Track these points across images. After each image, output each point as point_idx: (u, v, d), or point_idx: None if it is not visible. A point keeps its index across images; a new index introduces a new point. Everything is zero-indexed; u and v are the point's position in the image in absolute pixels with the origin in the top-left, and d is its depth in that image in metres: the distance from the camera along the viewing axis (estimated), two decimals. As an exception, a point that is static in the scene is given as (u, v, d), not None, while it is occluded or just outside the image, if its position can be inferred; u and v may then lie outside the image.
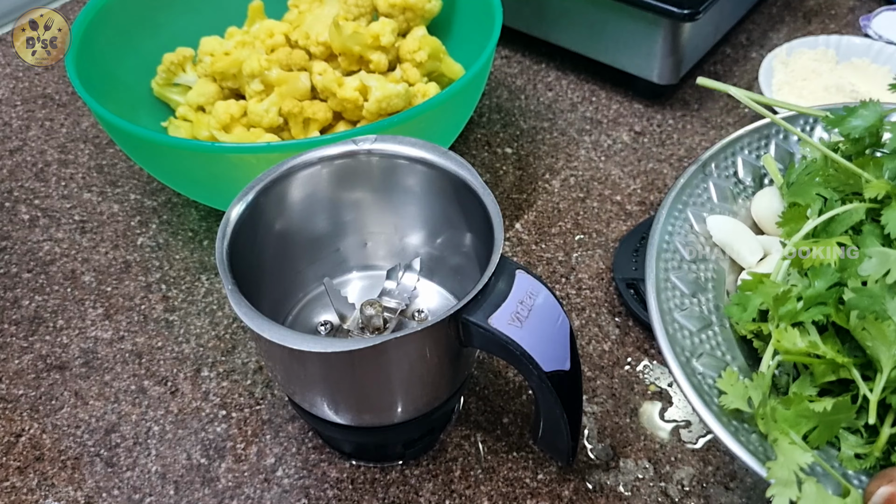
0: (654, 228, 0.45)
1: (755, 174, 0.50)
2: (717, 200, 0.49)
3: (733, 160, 0.50)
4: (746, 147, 0.50)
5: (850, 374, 0.38)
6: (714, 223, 0.47)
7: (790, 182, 0.47)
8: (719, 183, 0.49)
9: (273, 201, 0.45)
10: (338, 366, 0.39)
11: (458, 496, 0.46)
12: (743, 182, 0.50)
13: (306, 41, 0.63)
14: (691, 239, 0.46)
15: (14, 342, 0.55)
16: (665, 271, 0.44)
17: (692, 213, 0.47)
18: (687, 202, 0.47)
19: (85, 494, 0.47)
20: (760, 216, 0.48)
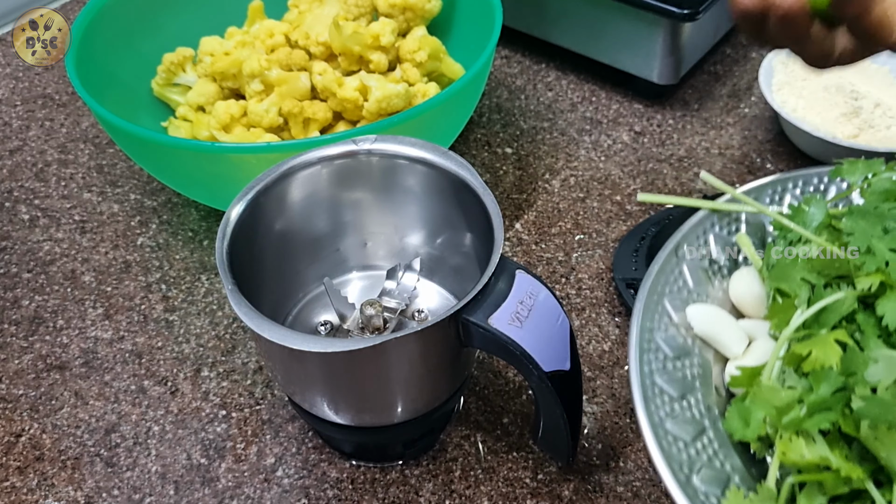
0: (633, 324, 0.42)
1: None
2: (693, 285, 0.46)
3: (705, 238, 0.47)
4: (717, 223, 0.48)
5: (865, 486, 0.36)
6: (694, 314, 0.44)
7: (770, 264, 0.44)
8: (693, 266, 0.46)
9: (273, 201, 0.45)
10: (338, 366, 0.39)
11: (458, 496, 0.46)
12: (717, 262, 0.47)
13: (306, 41, 0.63)
14: (672, 333, 0.43)
15: (14, 342, 0.55)
16: (650, 374, 0.41)
17: (669, 303, 0.44)
18: (663, 292, 0.44)
19: (85, 494, 0.47)
20: (740, 300, 0.46)
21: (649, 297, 0.43)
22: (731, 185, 0.64)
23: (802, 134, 0.63)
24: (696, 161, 0.67)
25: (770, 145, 0.68)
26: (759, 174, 0.66)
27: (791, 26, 0.39)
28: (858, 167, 0.46)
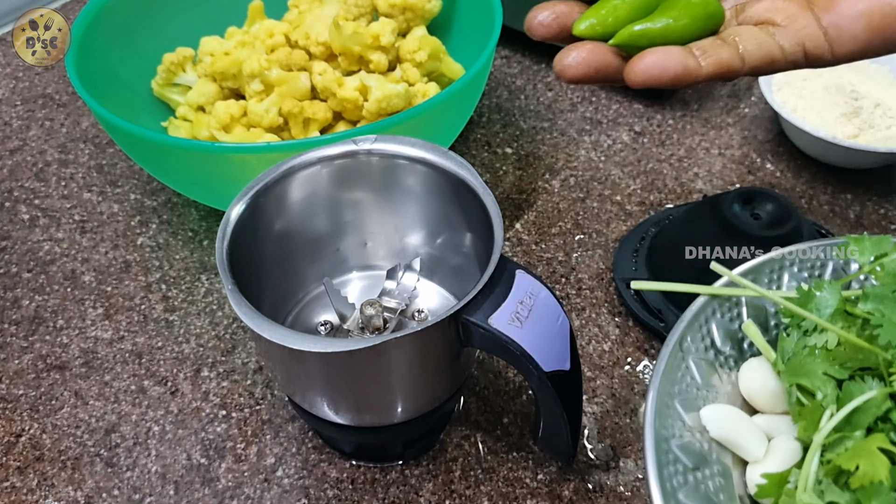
0: (646, 434, 0.39)
1: (733, 339, 0.44)
2: (701, 381, 0.42)
3: (707, 328, 0.43)
4: (718, 310, 0.44)
5: None
6: (709, 417, 0.41)
7: (784, 357, 0.41)
8: (698, 359, 0.43)
9: (273, 201, 0.45)
10: (338, 366, 0.39)
11: (458, 496, 0.46)
12: (722, 351, 0.43)
13: (306, 41, 0.63)
14: (688, 439, 0.40)
15: (14, 342, 0.55)
16: (672, 490, 0.37)
17: (681, 405, 0.41)
18: (672, 392, 0.41)
19: (85, 494, 0.47)
20: (752, 395, 0.43)
21: (660, 401, 0.40)
22: (731, 184, 0.65)
23: (802, 134, 0.63)
24: (696, 161, 0.67)
25: (770, 145, 0.68)
26: (759, 174, 0.66)
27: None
28: (867, 246, 0.42)
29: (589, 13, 0.32)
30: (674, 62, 0.30)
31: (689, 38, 0.31)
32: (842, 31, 0.31)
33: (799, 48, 0.31)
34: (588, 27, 0.31)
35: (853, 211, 0.62)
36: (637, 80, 0.30)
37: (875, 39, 0.31)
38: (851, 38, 0.31)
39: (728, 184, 0.65)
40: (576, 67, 0.31)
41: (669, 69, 0.30)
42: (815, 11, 0.31)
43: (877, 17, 0.31)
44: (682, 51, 0.30)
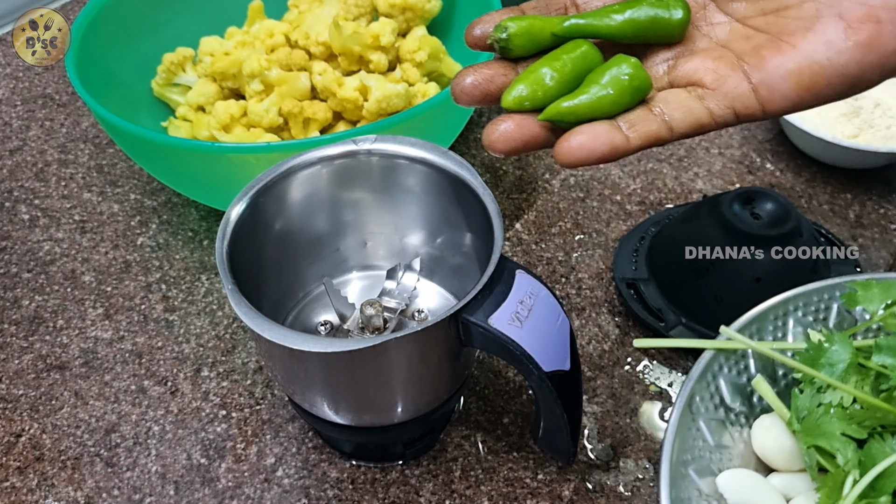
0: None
1: (743, 394, 0.43)
2: (713, 442, 0.41)
3: (716, 385, 0.42)
4: (725, 365, 0.42)
5: None
6: (726, 484, 0.40)
7: (799, 416, 0.39)
8: (709, 419, 0.41)
9: (273, 201, 0.45)
10: (338, 366, 0.39)
11: (458, 496, 0.46)
12: (732, 408, 0.42)
13: (306, 41, 0.63)
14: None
15: (14, 342, 0.55)
16: None
17: (695, 472, 0.39)
18: (686, 460, 0.39)
19: (85, 494, 0.47)
20: (768, 454, 0.41)
21: (675, 470, 0.38)
22: (731, 184, 0.65)
23: (802, 134, 0.63)
24: (696, 161, 0.67)
25: (770, 145, 0.68)
26: (759, 174, 0.66)
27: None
28: (874, 293, 0.41)
29: (516, 83, 0.31)
30: (600, 142, 0.30)
31: (618, 111, 0.31)
32: (772, 90, 0.31)
33: (729, 110, 0.31)
34: (515, 100, 0.31)
35: (853, 211, 0.62)
36: (566, 161, 0.30)
37: (806, 96, 0.31)
38: (782, 97, 0.31)
39: (728, 184, 0.65)
40: (504, 142, 0.31)
41: (596, 150, 0.30)
42: (745, 70, 0.31)
43: (806, 77, 0.31)
44: (609, 128, 0.30)
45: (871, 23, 0.30)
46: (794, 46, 0.31)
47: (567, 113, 0.30)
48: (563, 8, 0.34)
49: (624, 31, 0.32)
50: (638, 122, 0.31)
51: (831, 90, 0.31)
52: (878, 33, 0.30)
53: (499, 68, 0.33)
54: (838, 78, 0.31)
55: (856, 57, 0.31)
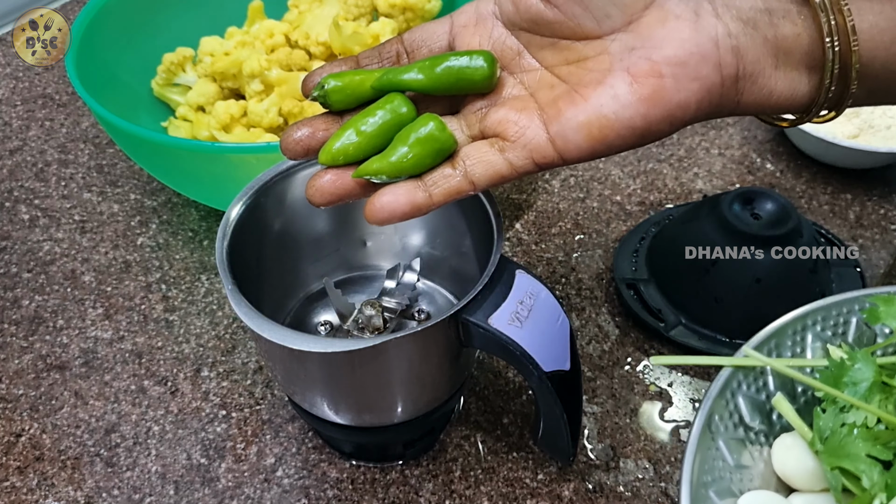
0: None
1: (762, 412, 0.42)
2: (733, 462, 0.40)
3: (735, 403, 0.41)
4: (744, 382, 0.41)
5: None
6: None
7: (822, 436, 0.38)
8: (728, 439, 0.40)
9: (273, 201, 0.45)
10: (338, 366, 0.39)
11: (458, 496, 0.46)
12: (751, 427, 0.41)
13: (306, 41, 0.63)
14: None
15: (14, 342, 0.55)
16: None
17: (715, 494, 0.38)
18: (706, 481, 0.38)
19: (85, 494, 0.47)
20: (789, 475, 0.40)
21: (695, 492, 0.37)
22: (731, 184, 0.65)
23: (802, 134, 0.63)
24: (696, 161, 0.67)
25: (770, 145, 0.68)
26: (759, 174, 0.66)
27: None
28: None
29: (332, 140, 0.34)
30: (402, 202, 0.33)
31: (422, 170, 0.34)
32: (567, 141, 0.32)
33: (528, 160, 0.33)
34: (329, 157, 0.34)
35: (853, 211, 0.62)
36: (372, 220, 0.33)
37: (598, 147, 0.33)
38: (576, 147, 0.33)
39: (728, 184, 0.65)
40: (321, 196, 0.34)
41: (398, 210, 0.33)
42: (544, 121, 0.33)
43: (595, 129, 0.32)
44: (412, 188, 0.33)
45: (653, 77, 0.32)
46: (586, 99, 0.32)
47: (375, 173, 0.33)
48: (394, 56, 0.35)
49: (433, 85, 0.34)
50: (440, 180, 0.33)
51: (621, 141, 0.32)
52: (661, 87, 0.32)
53: (322, 123, 0.35)
54: (626, 130, 0.32)
55: (640, 111, 0.32)
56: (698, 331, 0.53)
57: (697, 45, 0.32)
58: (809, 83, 0.34)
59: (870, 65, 0.33)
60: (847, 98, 0.34)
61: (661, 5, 0.32)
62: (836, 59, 0.33)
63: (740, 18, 0.32)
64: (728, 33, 0.32)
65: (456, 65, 0.33)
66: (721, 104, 0.33)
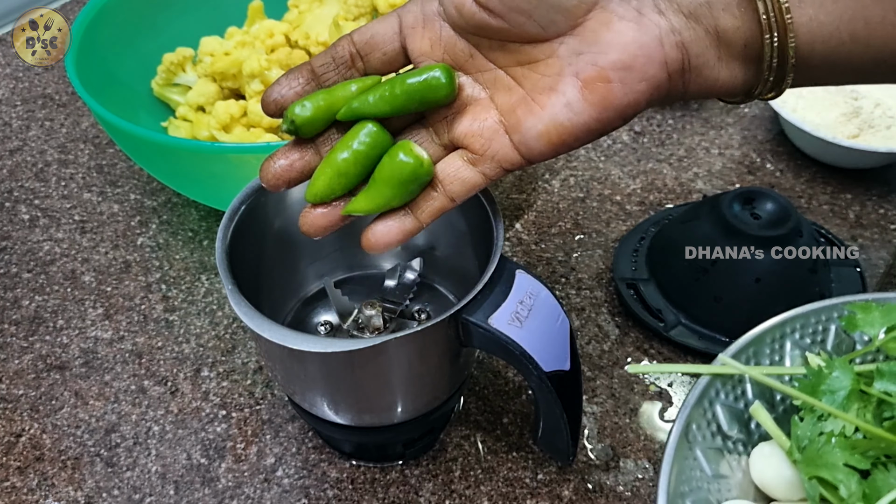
0: None
1: (740, 421, 0.41)
2: (711, 472, 0.40)
3: (713, 412, 0.41)
4: (722, 391, 0.41)
5: None
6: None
7: (800, 445, 0.38)
8: (706, 448, 0.40)
9: (273, 201, 0.45)
10: (338, 366, 0.39)
11: (458, 496, 0.46)
12: (729, 436, 0.41)
13: (306, 41, 0.63)
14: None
15: (14, 342, 0.55)
16: None
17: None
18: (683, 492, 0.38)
19: (85, 494, 0.47)
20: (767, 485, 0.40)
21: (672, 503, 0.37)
22: (731, 184, 0.65)
23: (802, 134, 0.63)
24: (696, 161, 0.67)
25: (770, 145, 0.68)
26: (759, 174, 0.66)
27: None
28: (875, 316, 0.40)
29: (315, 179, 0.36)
30: (395, 232, 0.36)
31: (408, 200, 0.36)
32: (530, 148, 0.35)
33: (498, 168, 0.36)
34: (316, 197, 0.36)
35: (853, 211, 0.62)
36: (371, 251, 0.37)
37: (559, 148, 0.35)
38: (539, 153, 0.35)
39: (728, 184, 0.65)
40: (315, 230, 0.37)
41: (393, 240, 0.36)
42: (506, 130, 0.35)
43: (554, 136, 0.34)
44: (401, 216, 0.36)
45: (602, 83, 0.33)
46: (542, 108, 0.34)
47: (363, 211, 0.36)
48: (348, 59, 0.36)
49: (397, 110, 0.35)
50: (424, 204, 0.36)
51: (579, 142, 0.35)
52: (610, 92, 0.33)
53: (296, 153, 0.37)
54: (582, 132, 0.34)
55: (593, 115, 0.33)
56: (698, 331, 0.53)
57: (642, 47, 0.33)
58: (750, 73, 0.35)
59: (808, 57, 0.34)
60: (786, 85, 0.35)
61: (605, 7, 0.33)
62: (774, 53, 0.34)
63: (682, 12, 0.33)
64: (672, 29, 0.33)
65: (416, 86, 0.34)
66: (669, 95, 0.34)
